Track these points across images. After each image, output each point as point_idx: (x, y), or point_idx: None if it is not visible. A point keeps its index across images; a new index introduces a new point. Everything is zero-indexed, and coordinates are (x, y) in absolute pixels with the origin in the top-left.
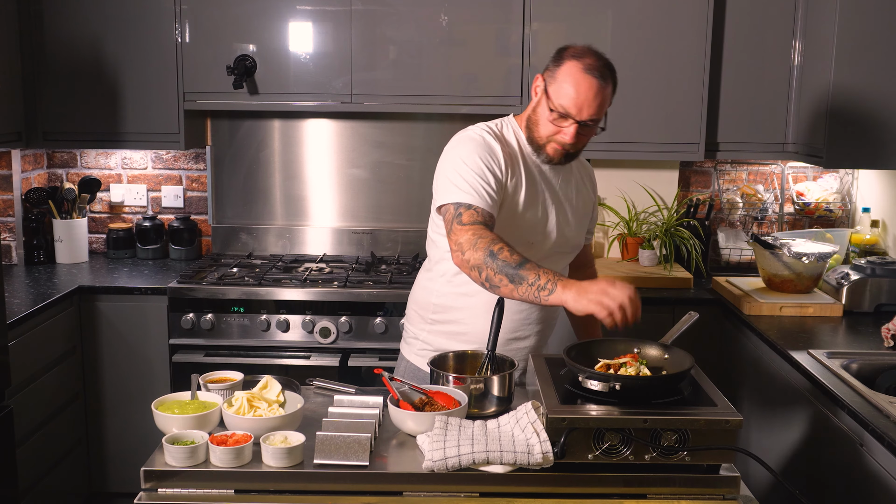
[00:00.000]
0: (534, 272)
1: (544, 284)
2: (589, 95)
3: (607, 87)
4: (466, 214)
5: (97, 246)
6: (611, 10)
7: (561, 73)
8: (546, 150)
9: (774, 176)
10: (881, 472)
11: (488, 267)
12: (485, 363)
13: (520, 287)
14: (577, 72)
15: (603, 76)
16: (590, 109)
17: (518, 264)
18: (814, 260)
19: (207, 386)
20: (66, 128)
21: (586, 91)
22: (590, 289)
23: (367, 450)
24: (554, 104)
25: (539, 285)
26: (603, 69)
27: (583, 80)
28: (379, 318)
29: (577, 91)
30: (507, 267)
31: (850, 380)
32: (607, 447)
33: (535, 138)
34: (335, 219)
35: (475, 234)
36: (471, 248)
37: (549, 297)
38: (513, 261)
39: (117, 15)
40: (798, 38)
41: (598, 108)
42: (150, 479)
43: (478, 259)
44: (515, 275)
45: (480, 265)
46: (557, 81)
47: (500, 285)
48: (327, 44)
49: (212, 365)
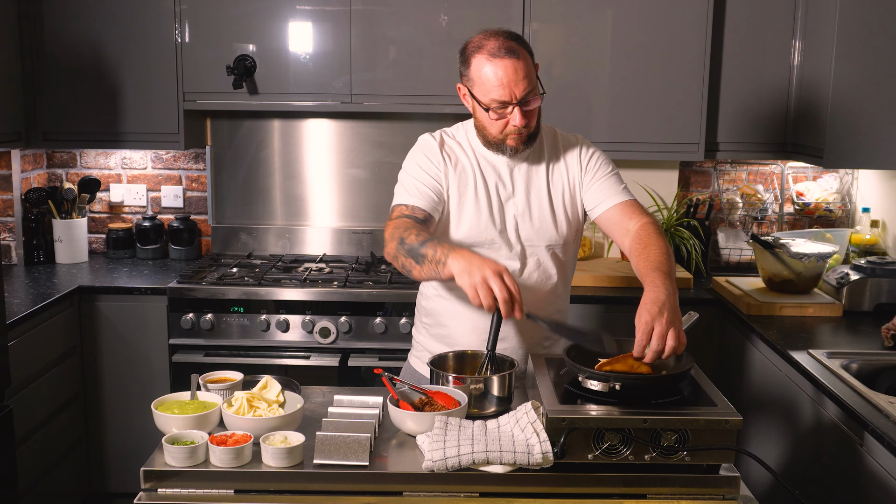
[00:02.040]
0: (431, 248)
1: (439, 258)
2: (510, 75)
3: (521, 58)
4: (395, 212)
5: (97, 246)
6: (611, 10)
7: (474, 72)
8: (507, 143)
9: (774, 176)
10: (881, 472)
11: (400, 253)
12: (485, 363)
13: (423, 266)
14: (487, 62)
15: (511, 51)
16: (519, 87)
17: (420, 244)
18: (814, 260)
19: (207, 386)
20: (66, 128)
21: (505, 73)
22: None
23: (367, 450)
24: (485, 102)
25: (436, 260)
26: (508, 44)
27: (497, 66)
28: (379, 318)
29: (497, 79)
30: (411, 249)
31: (850, 380)
32: (607, 447)
33: (491, 141)
34: (335, 219)
35: (394, 226)
36: (388, 240)
37: (444, 270)
38: (417, 241)
39: (117, 15)
40: (798, 38)
41: (525, 80)
42: (150, 479)
43: (392, 248)
44: (418, 254)
45: (395, 253)
46: (475, 80)
47: (412, 268)
48: (327, 44)
49: (212, 365)
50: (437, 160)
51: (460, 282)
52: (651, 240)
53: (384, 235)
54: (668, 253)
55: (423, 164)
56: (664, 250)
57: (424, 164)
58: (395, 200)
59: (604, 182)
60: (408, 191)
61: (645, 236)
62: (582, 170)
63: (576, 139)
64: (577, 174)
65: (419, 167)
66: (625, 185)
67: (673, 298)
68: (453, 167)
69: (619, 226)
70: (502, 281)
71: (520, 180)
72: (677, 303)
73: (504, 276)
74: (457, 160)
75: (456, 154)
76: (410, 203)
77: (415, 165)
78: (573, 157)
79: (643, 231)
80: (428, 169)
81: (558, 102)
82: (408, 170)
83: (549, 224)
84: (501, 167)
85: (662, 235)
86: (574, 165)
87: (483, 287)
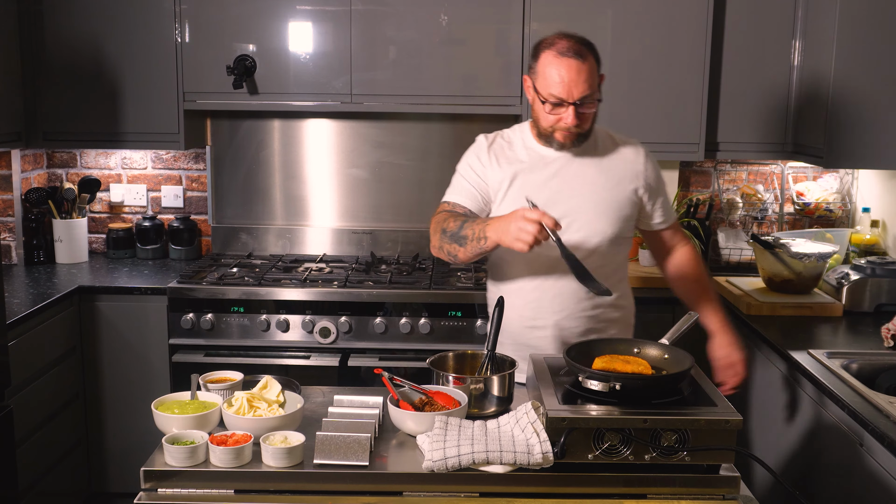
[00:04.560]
0: (470, 228)
1: (479, 235)
2: (572, 76)
3: (586, 62)
4: (439, 208)
5: (97, 246)
6: (611, 10)
7: (540, 66)
8: (556, 137)
9: (774, 176)
10: (881, 471)
11: (444, 242)
12: (485, 363)
13: (467, 246)
14: (553, 59)
15: (579, 54)
16: (578, 88)
17: (459, 227)
18: (814, 260)
19: (207, 386)
20: (66, 128)
21: (568, 73)
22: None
23: (367, 450)
24: (544, 96)
25: (476, 237)
26: (577, 47)
27: (561, 65)
28: (379, 318)
29: (559, 76)
30: (453, 234)
31: (850, 380)
32: (607, 447)
33: (542, 131)
34: (335, 219)
35: (436, 221)
36: (432, 235)
37: (486, 243)
38: (455, 226)
39: (117, 15)
40: (798, 38)
41: (585, 83)
42: (150, 479)
43: (437, 240)
44: (459, 237)
45: (440, 244)
46: (540, 74)
47: (457, 252)
48: (327, 44)
49: (212, 365)
50: (484, 159)
51: (502, 242)
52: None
53: (430, 232)
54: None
55: (472, 164)
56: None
57: (473, 163)
58: (444, 196)
59: (662, 200)
60: (453, 189)
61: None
62: (639, 179)
63: (634, 143)
64: (632, 181)
65: (468, 166)
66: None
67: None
68: (499, 165)
69: (665, 243)
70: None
71: (571, 175)
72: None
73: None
74: (505, 158)
75: (505, 152)
76: (453, 200)
77: (465, 165)
78: (630, 163)
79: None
80: (475, 167)
81: None
82: (458, 169)
83: (599, 220)
84: (555, 162)
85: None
86: (629, 171)
87: (521, 233)
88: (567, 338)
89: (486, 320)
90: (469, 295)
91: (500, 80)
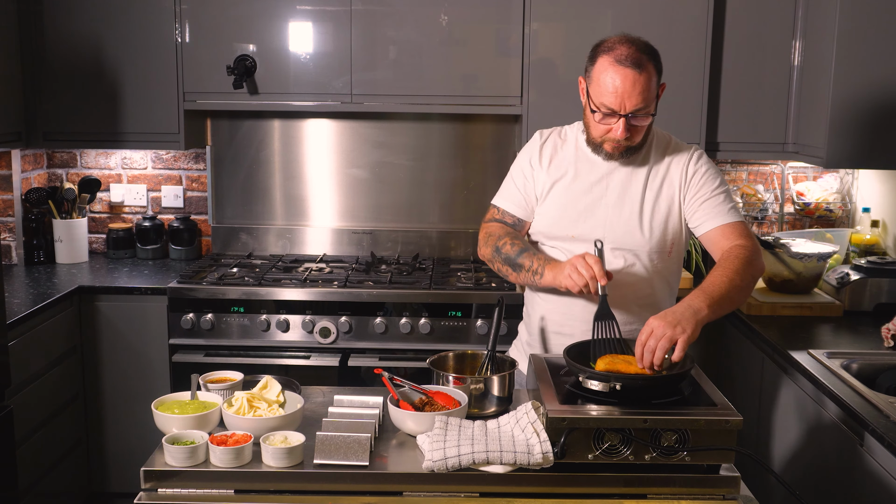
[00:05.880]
0: (528, 259)
1: (536, 269)
2: (626, 87)
3: (644, 72)
4: (489, 214)
5: (97, 246)
6: (611, 10)
7: (596, 71)
8: (604, 148)
9: (774, 176)
10: (881, 472)
11: (496, 260)
12: (485, 363)
13: (520, 274)
14: (609, 66)
15: (637, 64)
16: (631, 101)
17: (517, 254)
18: (814, 260)
19: (207, 386)
20: (66, 128)
21: (623, 84)
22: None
23: (367, 450)
24: (595, 104)
25: (533, 270)
26: (637, 56)
27: (617, 74)
28: (379, 318)
29: (613, 86)
30: (508, 258)
31: (850, 380)
32: (607, 447)
33: (591, 139)
34: (335, 219)
35: (487, 231)
36: (483, 245)
37: (541, 280)
38: (513, 252)
39: (117, 15)
40: (798, 38)
41: (640, 96)
42: (150, 479)
43: (488, 253)
44: (514, 263)
45: (491, 258)
46: (594, 80)
47: (508, 274)
48: (327, 44)
49: (212, 365)
50: (535, 162)
51: (558, 285)
52: (726, 262)
53: (479, 235)
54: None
55: (523, 167)
56: (729, 275)
57: (523, 165)
58: (495, 197)
59: (709, 201)
60: (503, 193)
61: (724, 259)
62: (685, 183)
63: (688, 149)
64: (679, 186)
65: (519, 167)
66: (733, 203)
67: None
68: (547, 165)
69: (716, 246)
70: (585, 261)
71: (616, 183)
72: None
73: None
74: (554, 158)
75: (556, 152)
76: (502, 207)
77: (517, 168)
78: (679, 167)
79: (728, 253)
80: (525, 171)
81: (558, 102)
82: (511, 170)
83: (636, 230)
84: (601, 168)
85: (745, 260)
86: (677, 176)
87: (574, 274)
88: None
89: (486, 320)
90: (469, 295)
91: (500, 80)
